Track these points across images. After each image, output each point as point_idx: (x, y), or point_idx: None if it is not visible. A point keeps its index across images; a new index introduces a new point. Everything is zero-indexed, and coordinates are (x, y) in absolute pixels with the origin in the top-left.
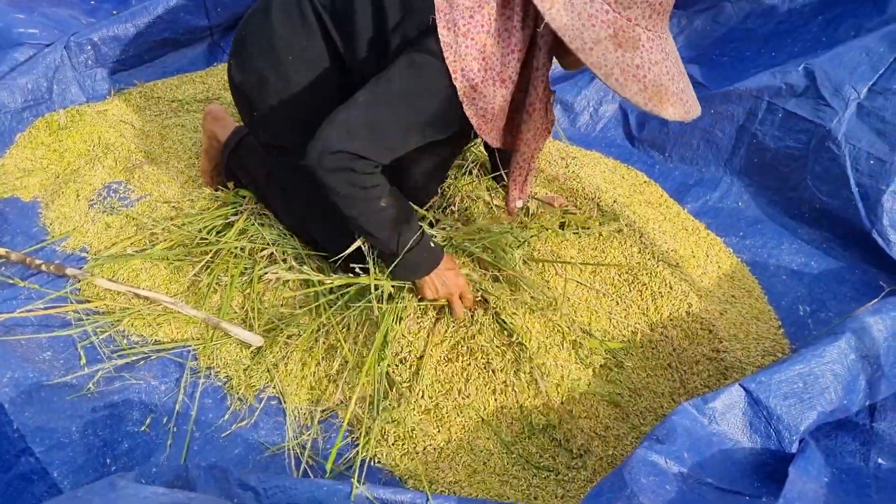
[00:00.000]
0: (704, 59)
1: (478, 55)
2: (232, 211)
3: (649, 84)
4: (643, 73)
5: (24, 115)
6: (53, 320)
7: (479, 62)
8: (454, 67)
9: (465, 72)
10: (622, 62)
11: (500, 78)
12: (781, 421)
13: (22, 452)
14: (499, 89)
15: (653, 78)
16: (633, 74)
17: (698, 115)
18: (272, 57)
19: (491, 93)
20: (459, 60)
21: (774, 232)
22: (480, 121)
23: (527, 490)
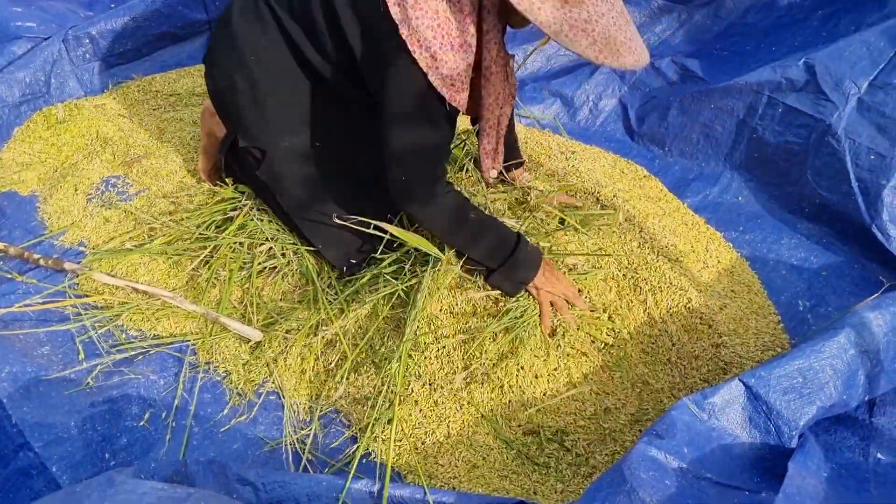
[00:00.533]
0: (704, 53)
1: (431, 23)
2: (230, 206)
3: (598, 37)
4: (591, 27)
5: (21, 108)
6: (52, 315)
7: (434, 30)
8: (411, 41)
9: (421, 42)
10: (570, 18)
11: (458, 43)
12: (781, 416)
13: (20, 447)
14: (458, 54)
15: (601, 30)
16: (582, 29)
17: (647, 63)
18: (237, 60)
19: (451, 58)
20: (414, 33)
21: (774, 227)
22: (450, 90)
23: (526, 485)
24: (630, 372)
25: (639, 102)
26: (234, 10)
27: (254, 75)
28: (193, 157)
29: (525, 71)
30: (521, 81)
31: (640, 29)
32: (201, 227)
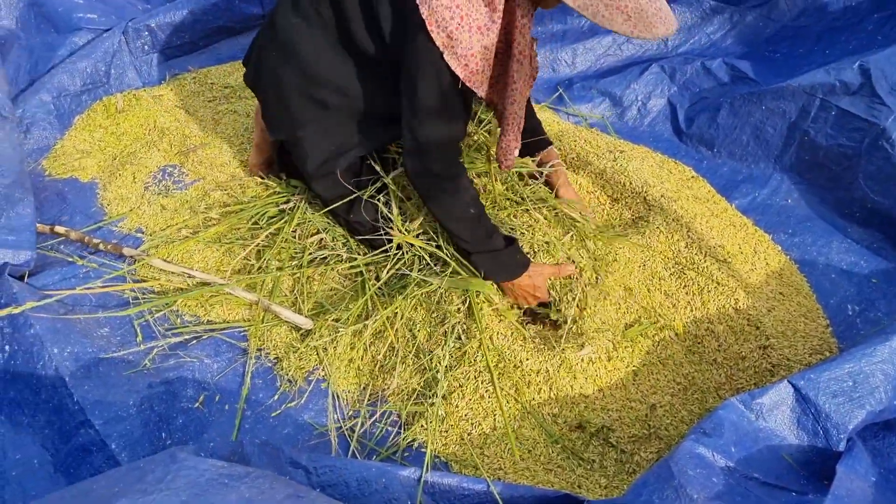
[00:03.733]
0: (756, 55)
1: (450, 3)
2: (283, 199)
3: (632, 12)
4: (625, 3)
5: (82, 97)
6: (110, 298)
7: (451, 10)
8: (430, 21)
9: (439, 22)
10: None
11: (476, 25)
12: (830, 419)
13: (81, 425)
14: (475, 35)
15: (633, 6)
16: (616, 7)
17: (676, 29)
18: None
19: (467, 39)
20: (433, 13)
21: (824, 230)
22: (464, 70)
23: (571, 479)
24: (676, 371)
25: (688, 103)
26: (277, 12)
27: (300, 66)
28: (247, 148)
29: (574, 70)
30: (570, 80)
31: (691, 30)
32: (255, 218)
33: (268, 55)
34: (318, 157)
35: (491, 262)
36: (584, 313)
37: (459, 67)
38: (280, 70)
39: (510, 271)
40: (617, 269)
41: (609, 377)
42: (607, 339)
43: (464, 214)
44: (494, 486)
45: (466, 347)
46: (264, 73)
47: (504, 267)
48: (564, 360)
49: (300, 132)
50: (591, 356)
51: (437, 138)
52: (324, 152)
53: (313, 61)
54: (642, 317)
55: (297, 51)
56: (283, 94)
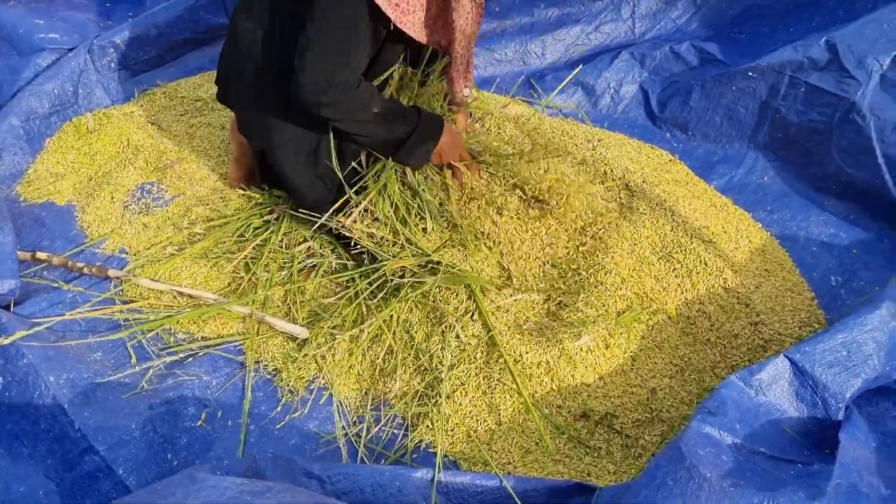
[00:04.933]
0: (722, 36)
1: None
2: (266, 210)
3: None
4: None
5: (51, 119)
6: (100, 321)
7: None
8: None
9: None
10: None
11: None
12: (827, 389)
13: (85, 452)
14: None
15: None
16: None
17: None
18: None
19: None
20: None
21: (801, 205)
22: (394, 10)
23: (580, 468)
24: (672, 354)
25: (660, 88)
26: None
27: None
28: (224, 160)
29: (545, 61)
30: (541, 72)
31: (657, 16)
32: (240, 231)
33: (233, 67)
34: (293, 155)
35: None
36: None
37: (389, 8)
38: (246, 78)
39: (434, 136)
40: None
41: (608, 364)
42: (602, 327)
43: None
44: (507, 481)
45: (465, 345)
46: (232, 84)
47: (427, 136)
48: (563, 350)
49: (273, 135)
50: (590, 344)
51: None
52: (299, 150)
53: (274, 63)
54: (634, 302)
55: (258, 56)
56: (254, 102)
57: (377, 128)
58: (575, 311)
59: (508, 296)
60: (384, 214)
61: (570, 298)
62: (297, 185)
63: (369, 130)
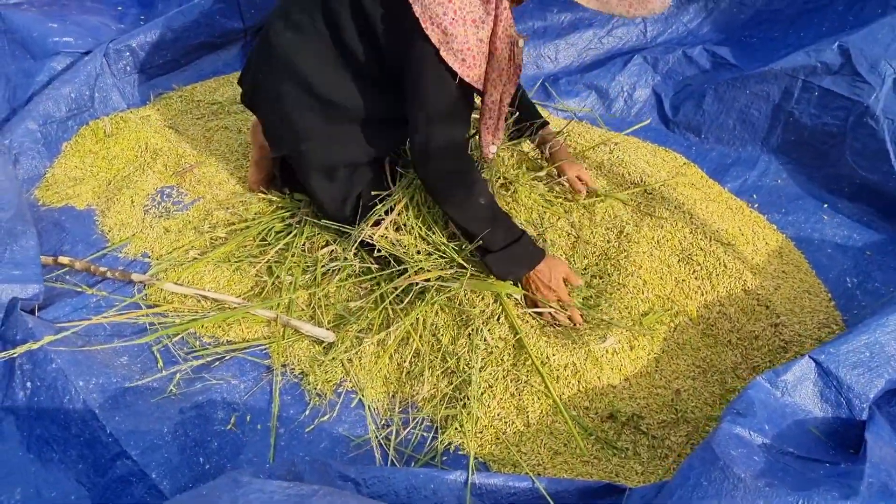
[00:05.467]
0: (733, 40)
1: (442, 0)
2: (288, 213)
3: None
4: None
5: (69, 123)
6: (125, 326)
7: (444, 5)
8: (423, 18)
9: (433, 19)
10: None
11: (471, 19)
12: (852, 390)
13: (118, 456)
14: (470, 28)
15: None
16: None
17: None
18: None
19: (462, 33)
20: (426, 10)
21: (815, 207)
22: (461, 65)
23: (608, 469)
24: (694, 355)
25: (673, 91)
26: (270, 29)
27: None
28: (243, 164)
29: (558, 65)
30: (555, 75)
31: (668, 20)
32: (262, 234)
33: (265, 73)
34: (322, 167)
35: (508, 257)
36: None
37: (457, 63)
38: (279, 87)
39: (527, 262)
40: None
41: (633, 366)
42: (625, 329)
43: (479, 213)
44: (539, 482)
45: (493, 347)
46: (262, 91)
47: (520, 259)
48: (590, 352)
49: (303, 146)
50: (615, 346)
51: (444, 142)
52: (328, 163)
53: (311, 74)
54: (656, 305)
55: (295, 66)
56: (284, 111)
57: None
58: (599, 314)
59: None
60: (411, 224)
61: (594, 301)
62: (321, 198)
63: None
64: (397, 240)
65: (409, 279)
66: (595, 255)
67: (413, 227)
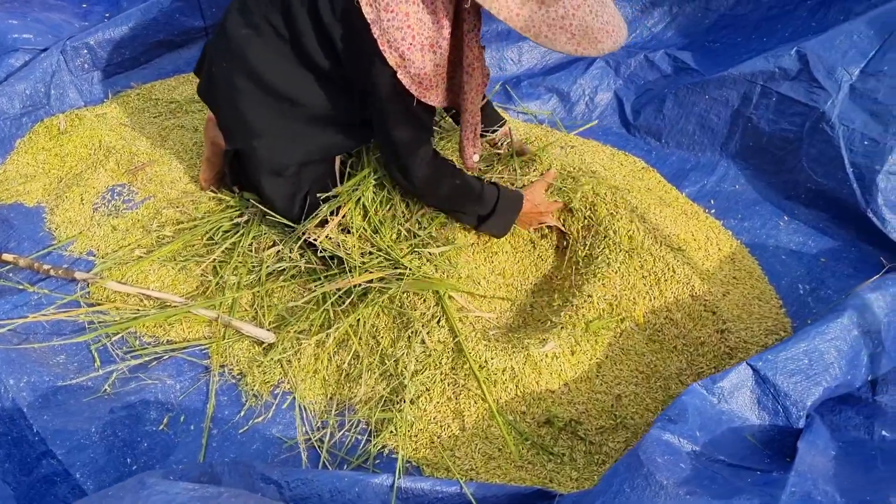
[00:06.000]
0: (696, 45)
1: (401, 24)
2: (237, 213)
3: (576, 31)
4: (568, 22)
5: (22, 120)
6: (65, 324)
7: (402, 31)
8: (381, 41)
9: (391, 43)
10: (547, 18)
11: (429, 44)
12: (789, 397)
13: (43, 455)
14: (427, 54)
15: (578, 23)
16: (560, 26)
17: (626, 39)
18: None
19: (419, 58)
20: (384, 34)
21: (772, 213)
22: (418, 87)
23: (542, 474)
24: (639, 361)
25: (634, 95)
26: (227, 21)
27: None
28: (197, 163)
29: (521, 68)
30: (517, 78)
31: (632, 24)
32: (209, 234)
33: (219, 65)
34: (273, 164)
35: (500, 215)
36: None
37: (413, 86)
38: (234, 80)
39: (514, 211)
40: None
41: (573, 371)
42: (569, 333)
43: (454, 192)
44: (468, 487)
45: (431, 350)
46: (217, 83)
47: (509, 210)
48: (529, 356)
49: (255, 142)
50: (555, 351)
51: (414, 152)
52: (280, 161)
53: (267, 71)
54: (604, 311)
55: (250, 61)
56: (237, 105)
57: (456, 201)
58: (544, 319)
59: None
60: (356, 226)
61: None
62: (270, 195)
63: (449, 203)
64: (341, 241)
65: (350, 281)
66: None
67: (358, 229)
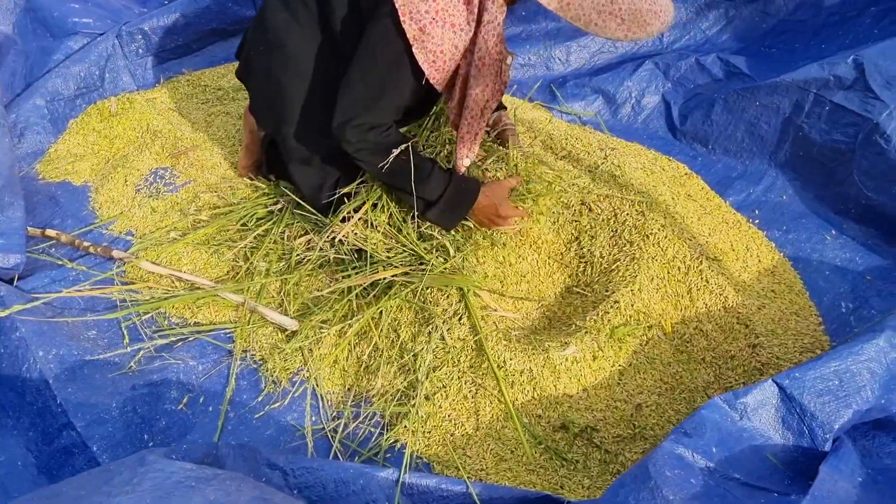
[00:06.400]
0: (751, 50)
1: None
2: (272, 200)
3: (626, 15)
4: (618, 7)
5: (76, 101)
6: (99, 300)
7: (428, 3)
8: (403, 11)
9: (412, 14)
10: (597, 5)
11: (451, 22)
12: (815, 418)
13: (64, 427)
14: (447, 32)
15: (627, 7)
16: (609, 12)
17: (673, 18)
18: (266, 47)
19: (439, 34)
20: (408, 4)
21: (818, 227)
22: (430, 66)
23: (553, 480)
24: (664, 371)
25: (682, 99)
26: (267, 7)
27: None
28: (237, 150)
29: (568, 67)
30: (563, 78)
31: (685, 26)
32: (243, 220)
33: (256, 49)
34: (302, 152)
35: (442, 210)
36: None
37: (427, 63)
38: (268, 64)
39: (465, 204)
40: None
41: (594, 377)
42: (592, 338)
43: (396, 165)
44: (473, 488)
45: (450, 347)
46: (254, 66)
47: (457, 205)
48: (548, 359)
49: (285, 129)
50: (576, 355)
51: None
52: (308, 149)
53: (301, 57)
54: (631, 317)
55: (285, 47)
56: (271, 90)
57: (398, 178)
58: (568, 323)
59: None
60: (379, 221)
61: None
62: (299, 182)
63: (391, 179)
64: (365, 236)
65: (373, 276)
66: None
67: (381, 224)
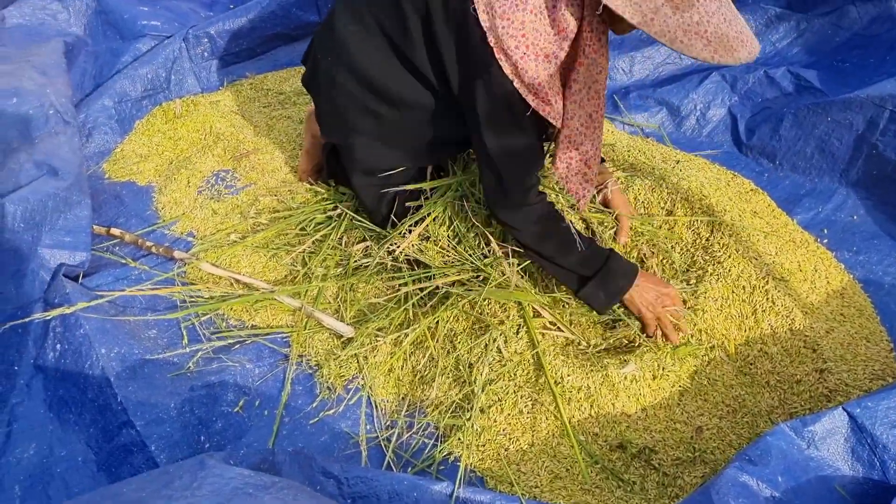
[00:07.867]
0: (823, 64)
1: (515, 33)
2: (331, 205)
3: (712, 37)
4: (703, 28)
5: (143, 103)
6: (160, 300)
7: (517, 39)
8: (497, 49)
9: (506, 51)
10: (683, 23)
11: (544, 53)
12: (887, 450)
13: (124, 425)
14: (541, 64)
15: (713, 30)
16: (696, 32)
17: (758, 51)
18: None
19: (533, 68)
20: (499, 42)
21: (892, 249)
22: (535, 98)
23: (609, 501)
24: (725, 393)
25: (750, 113)
26: (336, 16)
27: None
28: (298, 154)
29: (631, 78)
30: (626, 88)
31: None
32: (302, 224)
33: (324, 58)
34: (366, 164)
35: (601, 284)
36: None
37: (529, 95)
38: (335, 74)
39: (626, 279)
40: None
41: (653, 396)
42: (651, 358)
43: (560, 240)
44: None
45: (507, 360)
46: (320, 74)
47: (618, 279)
48: (606, 377)
49: (352, 139)
50: (635, 374)
51: (520, 184)
52: (373, 162)
53: (369, 72)
54: (693, 337)
55: (354, 58)
56: (337, 100)
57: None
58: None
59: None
60: (438, 235)
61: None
62: (360, 193)
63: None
64: (424, 247)
65: (434, 282)
66: None
67: (441, 237)
